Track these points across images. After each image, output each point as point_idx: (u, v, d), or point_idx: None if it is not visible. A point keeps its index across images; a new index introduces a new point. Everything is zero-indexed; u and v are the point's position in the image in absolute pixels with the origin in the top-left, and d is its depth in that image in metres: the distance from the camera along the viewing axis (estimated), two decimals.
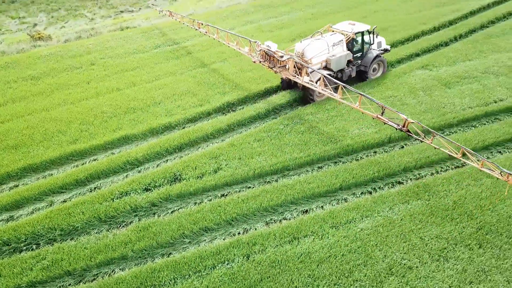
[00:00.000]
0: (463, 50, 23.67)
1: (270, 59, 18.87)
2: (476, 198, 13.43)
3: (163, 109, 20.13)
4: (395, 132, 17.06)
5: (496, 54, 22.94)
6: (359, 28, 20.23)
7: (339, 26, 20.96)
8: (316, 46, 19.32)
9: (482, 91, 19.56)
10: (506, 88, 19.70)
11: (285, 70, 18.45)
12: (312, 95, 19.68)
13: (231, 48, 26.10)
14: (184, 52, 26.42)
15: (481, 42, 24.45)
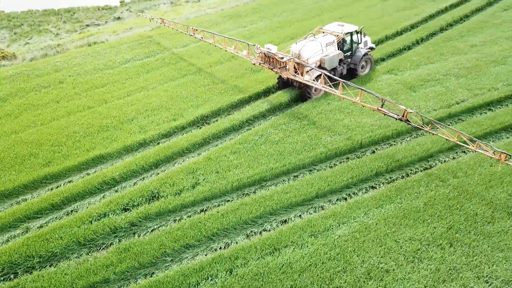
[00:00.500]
0: (425, 53, 24.69)
1: (270, 60, 19.95)
2: (444, 199, 14.12)
3: (136, 126, 20.08)
4: (366, 138, 17.68)
5: (456, 56, 24.06)
6: (349, 29, 21.69)
7: (329, 27, 22.32)
8: (311, 47, 20.54)
9: (445, 93, 20.50)
10: (467, 89, 20.71)
11: (285, 70, 19.52)
12: (309, 93, 20.79)
13: (202, 61, 26.43)
14: (155, 66, 26.38)
15: (441, 45, 25.57)
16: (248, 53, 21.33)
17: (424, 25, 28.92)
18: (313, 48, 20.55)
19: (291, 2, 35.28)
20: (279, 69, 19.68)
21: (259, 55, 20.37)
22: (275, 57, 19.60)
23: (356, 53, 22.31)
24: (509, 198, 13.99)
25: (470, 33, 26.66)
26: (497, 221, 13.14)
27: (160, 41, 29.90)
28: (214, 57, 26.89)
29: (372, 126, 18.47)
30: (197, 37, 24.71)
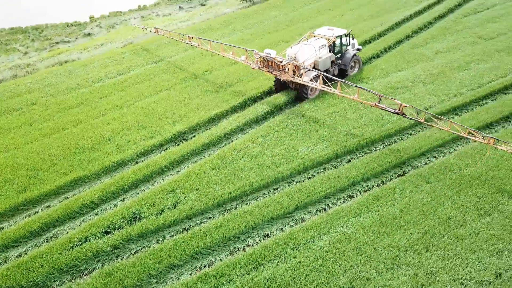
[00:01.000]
0: (393, 61, 25.58)
1: (269, 64, 21.25)
2: (419, 204, 14.71)
3: (113, 146, 19.97)
4: (341, 148, 18.18)
5: (422, 63, 25.03)
6: (338, 33, 23.19)
7: (320, 31, 23.77)
8: (305, 50, 21.79)
9: (414, 100, 21.31)
10: (434, 95, 21.59)
11: (284, 73, 20.83)
12: (306, 93, 22.03)
13: (176, 76, 26.54)
14: (128, 83, 26.29)
15: (408, 52, 26.54)
16: (246, 58, 22.37)
17: (391, 33, 29.94)
18: (307, 52, 21.80)
19: (261, 15, 35.84)
20: (278, 72, 20.97)
21: (258, 59, 21.59)
22: (274, 61, 20.86)
23: (345, 55, 23.78)
24: (478, 200, 14.70)
25: (434, 40, 27.78)
26: (469, 223, 13.79)
27: (132, 58, 29.81)
28: (188, 72, 27.03)
29: (347, 136, 19.01)
30: (193, 44, 25.40)
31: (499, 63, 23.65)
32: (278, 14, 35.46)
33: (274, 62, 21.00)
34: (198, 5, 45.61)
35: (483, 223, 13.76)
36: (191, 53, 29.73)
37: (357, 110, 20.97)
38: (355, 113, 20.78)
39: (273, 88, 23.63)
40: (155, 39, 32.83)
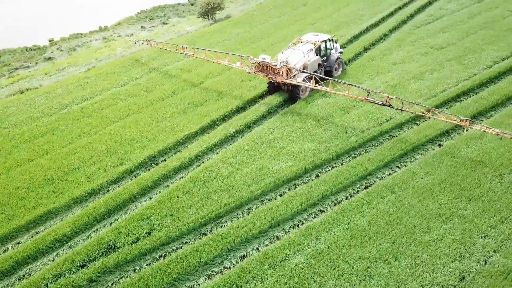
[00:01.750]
0: (353, 74, 26.64)
1: (264, 68, 23.02)
2: (385, 215, 15.46)
3: (83, 175, 19.79)
4: (309, 163, 18.81)
5: (380, 75, 26.22)
6: (323, 38, 25.26)
7: (306, 37, 25.68)
8: (296, 54, 23.60)
9: (375, 112, 22.30)
10: None
11: (279, 75, 22.77)
12: (298, 93, 23.80)
13: (142, 99, 26.57)
14: (95, 108, 26.08)
15: (366, 65, 27.72)
16: (241, 64, 24.30)
17: (350, 46, 31.10)
18: (297, 56, 23.59)
19: (223, 32, 36.38)
20: (273, 75, 22.89)
21: (254, 64, 23.38)
22: (269, 65, 22.60)
23: (330, 58, 25.86)
24: (440, 207, 15.62)
25: (390, 51, 29.15)
26: (432, 230, 14.64)
27: (97, 82, 29.57)
28: (154, 94, 27.11)
29: (314, 151, 19.68)
30: (187, 54, 26.96)
31: (451, 72, 25.13)
32: (241, 31, 36.12)
33: (269, 66, 22.69)
34: (160, 24, 45.69)
35: (445, 229, 14.65)
36: (156, 75, 29.82)
37: (322, 125, 21.72)
38: (320, 128, 21.52)
39: (267, 90, 25.38)
40: (118, 62, 32.68)
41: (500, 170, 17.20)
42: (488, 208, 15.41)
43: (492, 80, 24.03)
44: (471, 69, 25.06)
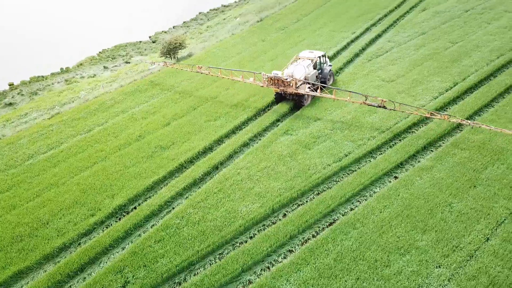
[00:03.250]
0: (312, 110, 28.09)
1: (275, 82, 27.52)
2: (349, 251, 16.51)
3: (53, 229, 19.83)
4: (276, 203, 19.74)
5: (338, 109, 27.78)
6: (318, 54, 30.07)
7: (303, 54, 30.32)
8: (299, 69, 28.05)
9: (334, 147, 23.67)
10: (351, 141, 24.16)
11: (290, 87, 27.22)
12: (302, 101, 28.18)
13: (109, 144, 26.87)
14: (61, 157, 26.10)
15: (324, 100, 29.29)
16: (254, 79, 28.96)
17: None
18: (300, 70, 28.07)
19: (186, 72, 37.30)
20: (284, 87, 27.38)
21: (266, 79, 27.90)
22: (281, 78, 27.01)
23: (324, 70, 30.55)
24: (398, 240, 16.86)
25: (346, 85, 30.95)
26: (392, 263, 15.79)
27: (62, 129, 29.61)
28: (121, 139, 27.47)
29: (280, 190, 20.68)
30: (203, 72, 31.23)
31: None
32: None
33: (280, 80, 27.15)
34: (122, 63, 46.17)
35: (404, 261, 15.84)
36: (122, 119, 30.21)
37: (286, 163, 22.83)
38: (284, 166, 22.61)
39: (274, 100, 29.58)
40: (82, 107, 32.85)
41: (450, 199, 18.76)
42: (441, 237, 16.79)
43: (439, 110, 26.04)
44: (419, 101, 27.08)
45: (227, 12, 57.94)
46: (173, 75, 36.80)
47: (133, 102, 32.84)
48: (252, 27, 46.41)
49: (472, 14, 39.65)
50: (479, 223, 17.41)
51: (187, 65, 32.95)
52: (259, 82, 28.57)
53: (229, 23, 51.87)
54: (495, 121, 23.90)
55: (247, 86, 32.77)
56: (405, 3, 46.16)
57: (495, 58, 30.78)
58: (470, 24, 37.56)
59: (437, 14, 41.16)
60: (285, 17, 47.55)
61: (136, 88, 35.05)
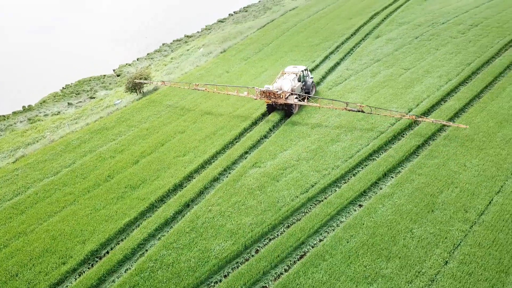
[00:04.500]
0: (278, 141, 29.07)
1: (267, 95, 31.07)
2: (320, 284, 17.24)
3: (23, 281, 19.54)
4: (248, 239, 20.31)
5: (302, 140, 28.92)
6: (301, 68, 33.94)
7: (288, 69, 34.21)
8: (286, 82, 32.00)
9: (301, 179, 24.61)
10: (316, 171, 25.20)
11: (280, 98, 30.89)
12: (292, 110, 31.98)
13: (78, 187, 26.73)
14: (28, 204, 25.69)
15: (289, 130, 30.40)
16: (248, 93, 32.95)
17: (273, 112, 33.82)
18: (287, 83, 31.90)
19: (153, 106, 37.68)
20: (275, 99, 31.03)
21: (259, 93, 31.44)
22: (272, 91, 30.73)
23: (307, 82, 34.05)
24: (365, 269, 17.79)
25: (309, 115, 32.20)
26: None
27: (27, 173, 29.16)
28: (89, 180, 27.37)
29: (251, 225, 21.29)
30: (200, 89, 34.52)
31: (361, 132, 28.50)
32: (170, 104, 37.63)
33: (272, 92, 30.74)
34: (87, 98, 45.93)
35: None
36: (90, 159, 30.10)
37: (256, 196, 23.54)
38: (255, 199, 23.30)
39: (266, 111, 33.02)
40: (48, 148, 32.48)
41: (410, 225, 19.98)
42: (404, 264, 17.85)
43: (396, 136, 27.67)
44: (378, 128, 28.62)
45: (191, 42, 58.95)
46: (140, 111, 37.06)
47: (100, 140, 32.81)
48: (215, 58, 47.50)
49: (421, 40, 42.41)
50: (438, 247, 18.65)
51: (184, 83, 36.78)
52: (253, 95, 32.19)
53: (193, 54, 52.79)
54: (448, 145, 25.67)
55: (214, 118, 33.55)
56: (359, 30, 48.74)
57: (444, 84, 33.07)
58: (420, 50, 40.16)
59: (389, 41, 43.72)
60: (247, 48, 49.00)
61: (103, 126, 35.03)
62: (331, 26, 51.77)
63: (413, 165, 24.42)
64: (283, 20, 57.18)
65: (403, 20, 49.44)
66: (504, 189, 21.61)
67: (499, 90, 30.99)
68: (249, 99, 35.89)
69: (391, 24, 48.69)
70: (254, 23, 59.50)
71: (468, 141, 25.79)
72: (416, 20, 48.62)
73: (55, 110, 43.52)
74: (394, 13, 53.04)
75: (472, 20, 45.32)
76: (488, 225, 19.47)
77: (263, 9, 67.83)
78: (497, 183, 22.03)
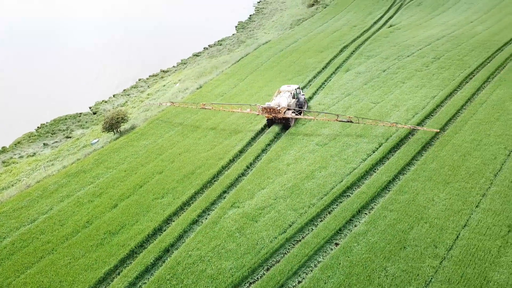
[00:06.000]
0: (256, 180, 29.79)
1: (268, 110, 35.62)
2: None
3: None
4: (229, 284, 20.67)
5: (279, 177, 29.74)
6: (295, 87, 38.60)
7: (283, 88, 38.65)
8: (283, 99, 36.40)
9: (279, 218, 25.28)
10: (293, 210, 25.94)
11: (279, 113, 35.35)
12: (289, 123, 36.37)
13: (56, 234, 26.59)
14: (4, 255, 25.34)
15: (266, 168, 31.21)
16: (250, 110, 37.61)
17: (249, 149, 34.66)
18: (284, 100, 36.37)
19: (131, 146, 37.93)
20: (275, 114, 35.44)
21: (261, 109, 35.99)
22: (272, 107, 35.27)
23: (300, 99, 38.49)
24: None
25: (284, 151, 33.19)
26: None
27: (3, 222, 28.74)
28: (68, 227, 27.22)
29: (231, 270, 21.72)
30: (207, 108, 39.47)
31: (335, 168, 29.58)
32: (148, 143, 38.02)
33: (272, 108, 35.24)
34: (63, 138, 45.79)
35: None
36: (67, 204, 30.00)
37: (235, 239, 24.01)
38: (234, 242, 23.76)
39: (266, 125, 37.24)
40: (24, 194, 32.18)
41: (384, 263, 20.83)
42: None
43: (368, 172, 28.85)
44: (350, 164, 29.77)
45: (167, 77, 59.82)
46: (117, 151, 37.27)
47: (78, 184, 32.76)
48: (192, 94, 48.37)
49: (388, 74, 44.56)
50: (411, 284, 19.51)
51: (192, 103, 41.78)
52: (254, 111, 37.03)
53: (169, 90, 53.57)
54: (416, 180, 26.96)
55: (192, 157, 34.08)
56: (330, 64, 50.78)
57: (411, 117, 34.81)
58: (387, 84, 42.16)
59: (358, 74, 45.72)
60: (223, 83, 50.17)
61: (80, 168, 35.02)
62: (303, 59, 53.71)
63: (385, 201, 25.49)
64: (256, 54, 58.91)
65: (371, 53, 51.84)
66: (469, 223, 22.85)
67: (461, 123, 32.83)
68: (226, 136, 36.79)
69: (360, 57, 50.96)
70: (229, 57, 61.05)
71: (435, 175, 27.18)
72: (383, 53, 51.07)
73: (30, 152, 43.19)
74: (362, 46, 55.53)
75: (434, 53, 48.00)
76: (456, 260, 20.51)
77: (237, 43, 69.69)
78: (463, 217, 23.28)
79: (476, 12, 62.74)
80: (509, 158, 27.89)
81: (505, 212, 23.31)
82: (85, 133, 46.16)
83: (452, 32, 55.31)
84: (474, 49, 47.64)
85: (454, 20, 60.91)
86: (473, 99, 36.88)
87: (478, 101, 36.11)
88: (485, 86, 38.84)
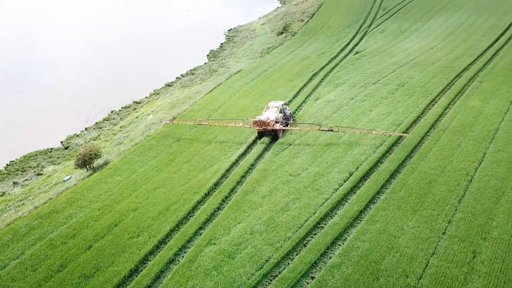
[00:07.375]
0: (232, 214, 30.12)
1: (258, 123, 39.91)
2: None
3: None
4: None
5: (254, 210, 30.20)
6: (281, 103, 43.18)
7: (271, 104, 43.34)
8: (271, 114, 41.03)
9: (255, 254, 25.61)
10: (270, 244, 26.37)
11: (269, 126, 39.70)
12: (278, 135, 40.59)
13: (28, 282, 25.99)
14: None
15: (241, 201, 31.61)
16: (243, 124, 42.23)
17: (225, 181, 35.04)
18: (272, 114, 40.89)
19: (104, 183, 37.59)
20: (265, 126, 39.82)
21: (253, 122, 40.26)
22: (263, 121, 39.78)
23: (286, 113, 42.89)
24: None
25: (259, 183, 33.76)
26: None
27: None
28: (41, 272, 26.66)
29: None
30: (204, 123, 43.94)
31: (309, 199, 30.32)
32: (121, 179, 37.79)
33: (262, 121, 39.69)
34: (34, 175, 44.88)
35: None
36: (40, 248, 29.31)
37: (211, 277, 24.16)
38: (212, 281, 23.94)
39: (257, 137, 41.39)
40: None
41: None
42: None
43: (340, 202, 29.72)
44: (323, 194, 30.60)
45: (139, 109, 59.85)
46: (91, 189, 36.91)
47: (50, 225, 32.17)
48: (165, 126, 48.58)
49: (356, 101, 46.26)
50: None
51: (189, 120, 46.51)
52: (247, 125, 41.36)
53: (142, 121, 53.58)
54: (386, 208, 27.98)
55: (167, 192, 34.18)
56: (300, 92, 52.29)
57: (379, 145, 36.19)
58: (356, 112, 43.75)
59: (328, 103, 47.25)
60: (196, 114, 50.67)
61: (52, 209, 34.41)
62: (274, 88, 55.07)
63: (357, 231, 26.30)
64: (229, 84, 59.94)
65: (339, 81, 53.73)
66: (437, 250, 23.88)
67: (426, 150, 34.43)
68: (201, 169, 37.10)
69: (329, 85, 52.73)
70: (202, 87, 61.82)
71: (404, 203, 28.30)
72: (350, 80, 53.04)
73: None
74: (331, 73, 57.51)
75: (399, 80, 50.26)
76: None
77: (209, 72, 70.68)
78: (431, 245, 24.30)
79: (435, 39, 66.20)
80: (471, 184, 29.41)
81: (469, 238, 24.51)
82: (57, 169, 45.44)
83: (414, 58, 58.12)
84: (435, 76, 50.22)
85: (416, 47, 64.02)
86: (436, 125, 38.76)
87: (440, 127, 37.99)
88: (446, 113, 40.92)
